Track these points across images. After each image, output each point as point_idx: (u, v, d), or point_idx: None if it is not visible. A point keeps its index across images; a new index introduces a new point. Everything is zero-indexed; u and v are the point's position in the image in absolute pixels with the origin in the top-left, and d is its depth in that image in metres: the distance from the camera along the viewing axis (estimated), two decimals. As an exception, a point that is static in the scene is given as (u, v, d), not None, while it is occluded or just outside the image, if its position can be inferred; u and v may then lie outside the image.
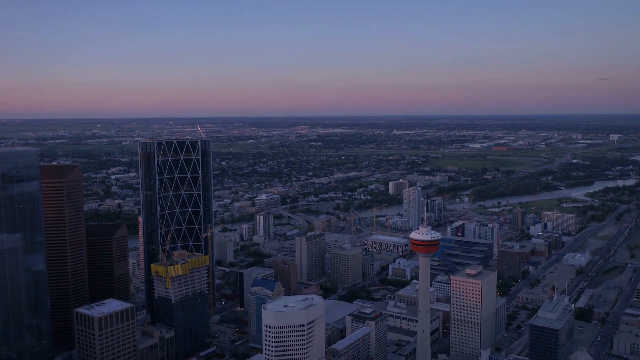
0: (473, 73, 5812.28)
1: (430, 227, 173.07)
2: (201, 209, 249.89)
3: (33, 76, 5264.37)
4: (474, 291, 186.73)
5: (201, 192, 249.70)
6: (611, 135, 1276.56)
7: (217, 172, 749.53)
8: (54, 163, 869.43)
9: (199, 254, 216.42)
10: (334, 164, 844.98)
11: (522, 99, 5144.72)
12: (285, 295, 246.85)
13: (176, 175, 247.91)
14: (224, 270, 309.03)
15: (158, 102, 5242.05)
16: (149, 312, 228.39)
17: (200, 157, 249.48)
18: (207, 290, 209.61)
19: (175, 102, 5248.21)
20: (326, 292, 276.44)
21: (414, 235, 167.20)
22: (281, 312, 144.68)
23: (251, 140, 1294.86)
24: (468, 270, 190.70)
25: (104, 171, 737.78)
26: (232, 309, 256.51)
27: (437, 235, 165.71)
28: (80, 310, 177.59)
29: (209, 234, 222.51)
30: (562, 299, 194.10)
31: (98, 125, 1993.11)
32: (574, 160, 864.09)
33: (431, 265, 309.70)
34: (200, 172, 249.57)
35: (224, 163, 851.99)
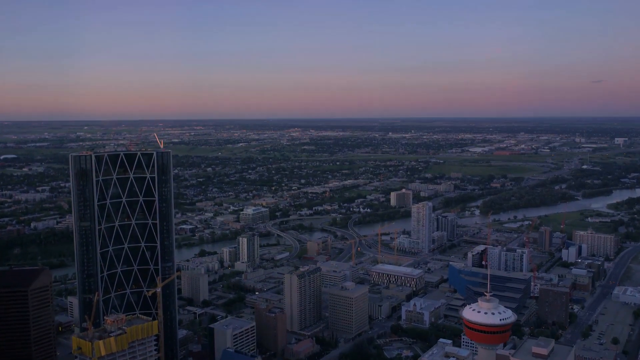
0: (467, 75, 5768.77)
1: (497, 300, 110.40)
2: (158, 244, 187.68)
3: (26, 78, 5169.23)
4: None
5: (157, 221, 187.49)
6: (616, 139, 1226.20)
7: (201, 179, 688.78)
8: (25, 169, 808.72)
9: (147, 318, 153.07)
10: (329, 169, 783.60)
11: (516, 102, 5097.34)
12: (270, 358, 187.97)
13: (124, 200, 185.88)
14: (194, 313, 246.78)
15: (150, 103, 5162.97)
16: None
17: (156, 175, 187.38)
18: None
19: (167, 104, 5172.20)
20: (324, 346, 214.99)
21: (470, 315, 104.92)
22: None
23: (241, 144, 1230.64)
24: (536, 350, 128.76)
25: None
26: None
27: (509, 316, 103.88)
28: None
29: (159, 290, 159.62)
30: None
31: (85, 128, 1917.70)
32: (584, 166, 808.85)
33: (451, 306, 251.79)
34: (156, 195, 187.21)
35: (209, 169, 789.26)
